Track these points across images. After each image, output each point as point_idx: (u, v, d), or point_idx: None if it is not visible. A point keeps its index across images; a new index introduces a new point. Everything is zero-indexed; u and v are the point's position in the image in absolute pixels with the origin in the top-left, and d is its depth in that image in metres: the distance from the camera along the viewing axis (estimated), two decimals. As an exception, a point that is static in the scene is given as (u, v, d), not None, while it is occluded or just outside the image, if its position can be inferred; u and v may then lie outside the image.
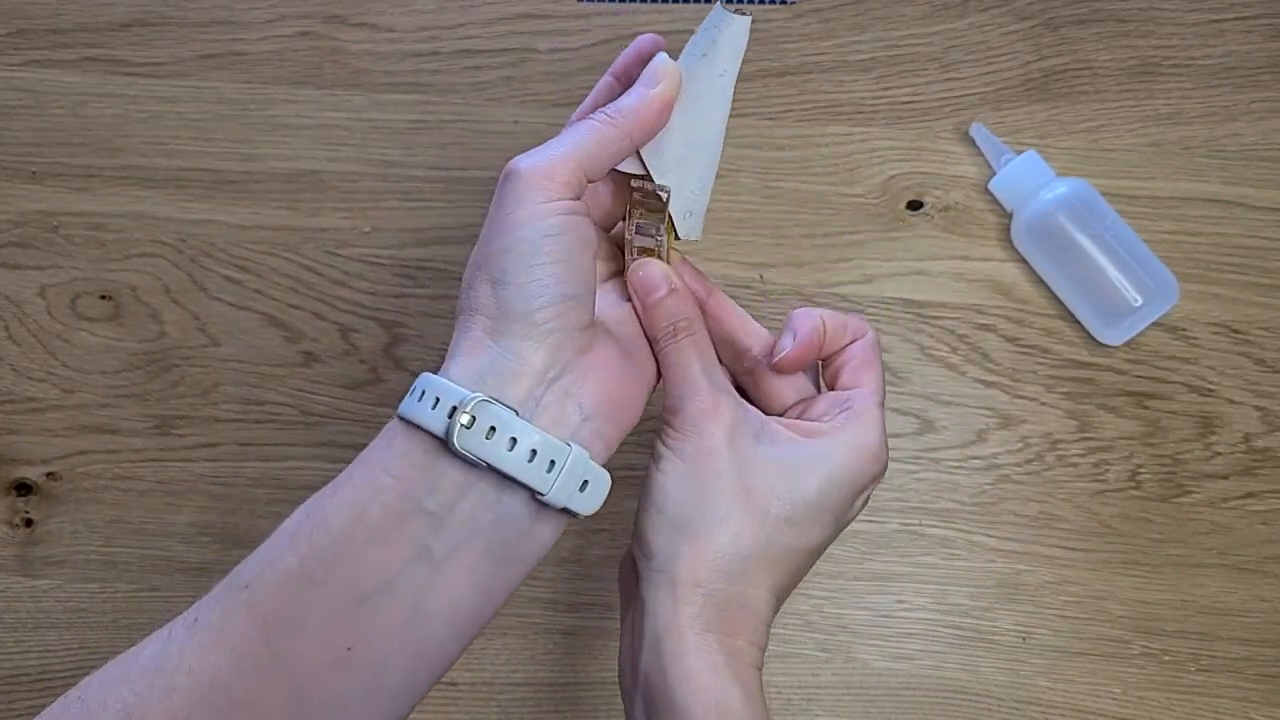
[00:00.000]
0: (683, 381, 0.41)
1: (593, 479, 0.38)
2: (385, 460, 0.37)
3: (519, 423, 0.36)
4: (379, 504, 0.36)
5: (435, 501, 0.36)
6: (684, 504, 0.39)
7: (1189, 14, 0.59)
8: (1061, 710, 0.54)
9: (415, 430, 0.36)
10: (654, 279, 0.42)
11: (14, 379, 0.58)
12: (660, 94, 0.40)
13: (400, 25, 0.60)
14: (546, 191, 0.38)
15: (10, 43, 0.60)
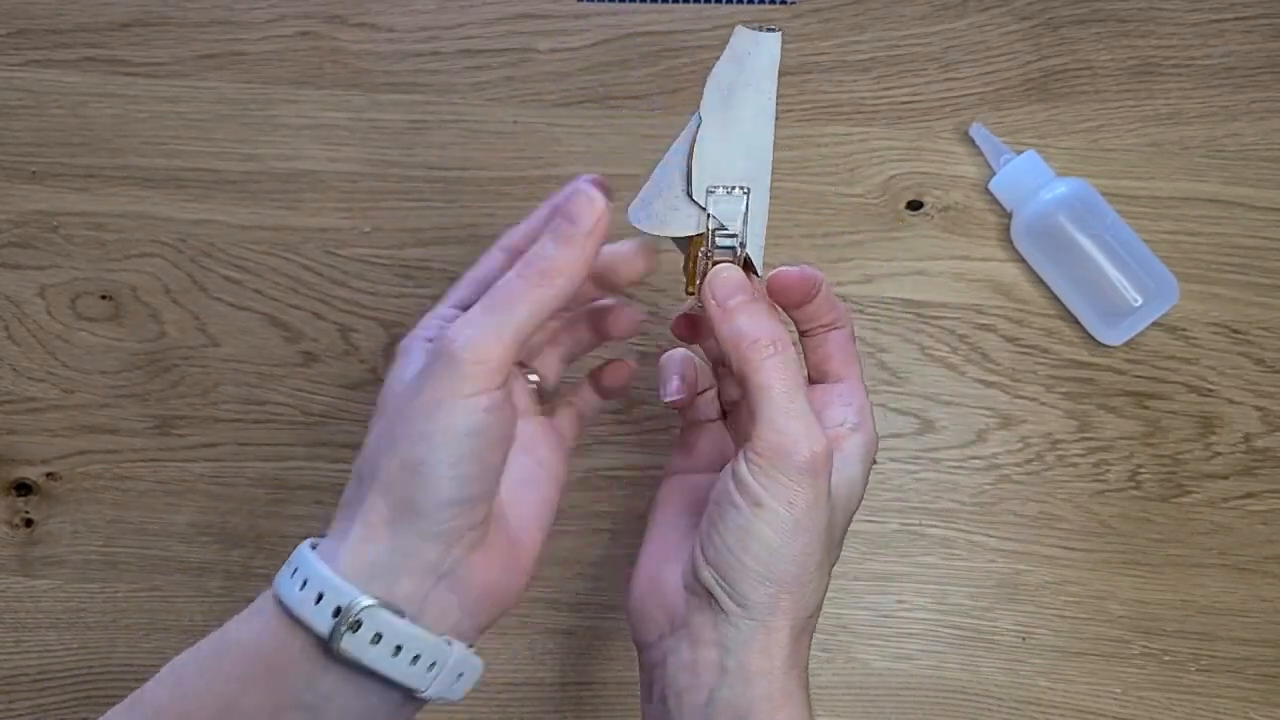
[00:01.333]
0: (790, 414, 0.36)
1: (468, 670, 0.37)
2: (259, 647, 0.36)
3: (405, 629, 0.35)
4: (252, 696, 0.35)
5: (314, 694, 0.35)
6: (786, 558, 0.36)
7: (1189, 14, 0.59)
8: (1061, 710, 0.54)
9: (294, 622, 0.35)
10: (735, 282, 0.38)
11: (14, 379, 0.58)
12: (588, 238, 0.37)
13: (400, 25, 0.60)
14: (478, 382, 0.35)
15: (10, 43, 0.60)
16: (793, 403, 0.36)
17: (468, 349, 0.35)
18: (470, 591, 0.37)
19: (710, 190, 0.39)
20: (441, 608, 0.36)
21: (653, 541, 0.42)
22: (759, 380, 0.36)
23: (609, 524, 0.56)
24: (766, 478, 0.36)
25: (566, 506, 0.56)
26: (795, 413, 0.36)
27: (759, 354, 0.36)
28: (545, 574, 0.56)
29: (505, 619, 0.55)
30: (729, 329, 0.37)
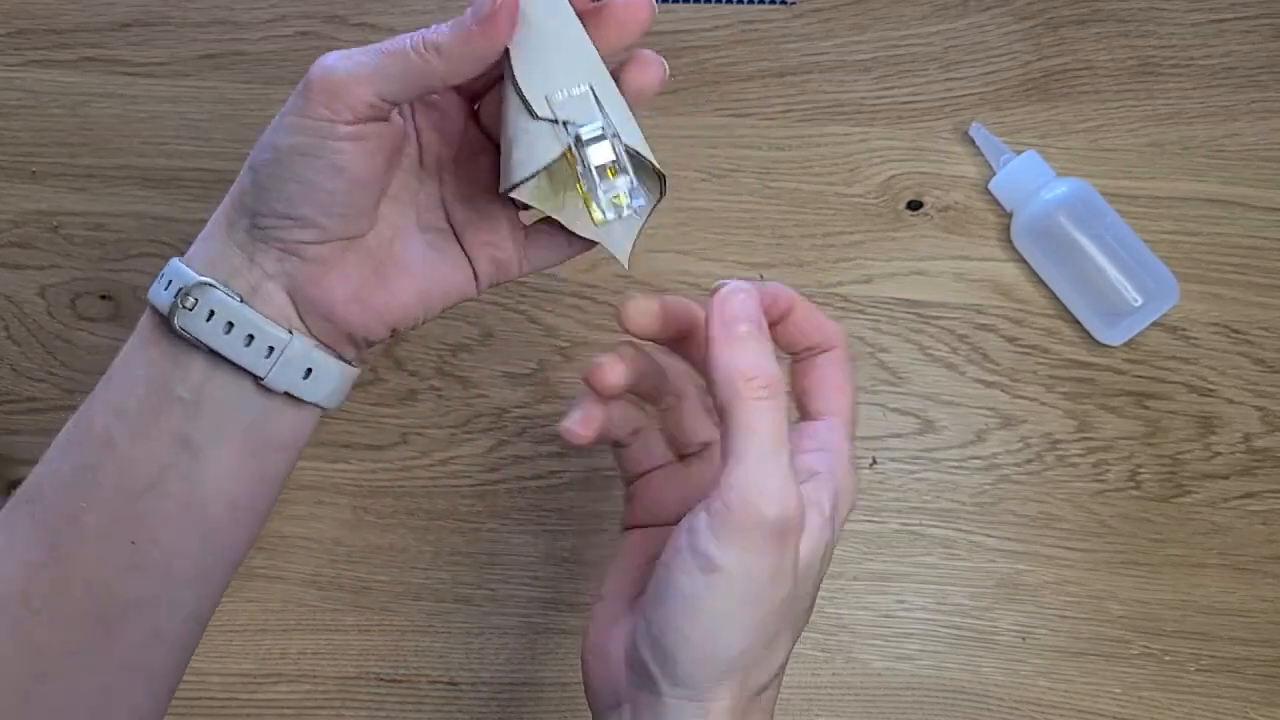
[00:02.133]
0: (769, 467, 0.31)
1: (317, 367, 0.38)
2: (137, 351, 0.38)
3: (236, 307, 0.36)
4: (135, 397, 0.37)
5: (186, 388, 0.37)
6: (738, 631, 0.32)
7: (1189, 14, 0.59)
8: (1061, 710, 0.54)
9: (157, 315, 0.38)
10: (746, 309, 0.33)
11: (14, 379, 0.57)
12: (488, 27, 0.34)
13: (400, 25, 0.60)
14: (324, 109, 0.35)
15: (10, 43, 0.60)
16: (774, 455, 0.31)
17: (319, 72, 0.35)
18: (304, 301, 0.38)
19: (550, 99, 0.35)
20: (277, 307, 0.37)
21: (602, 607, 0.38)
22: (746, 421, 0.31)
23: (609, 524, 0.56)
24: (727, 537, 0.31)
25: (566, 506, 0.56)
26: (774, 468, 0.31)
27: (753, 391, 0.32)
28: (545, 574, 0.56)
29: (505, 619, 0.55)
30: (727, 358, 0.32)
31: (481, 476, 0.56)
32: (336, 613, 0.55)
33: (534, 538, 0.56)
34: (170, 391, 0.37)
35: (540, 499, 0.56)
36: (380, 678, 0.55)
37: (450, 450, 0.56)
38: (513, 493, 0.56)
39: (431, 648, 0.55)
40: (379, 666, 0.55)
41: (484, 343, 0.57)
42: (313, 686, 0.54)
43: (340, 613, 0.55)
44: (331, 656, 0.55)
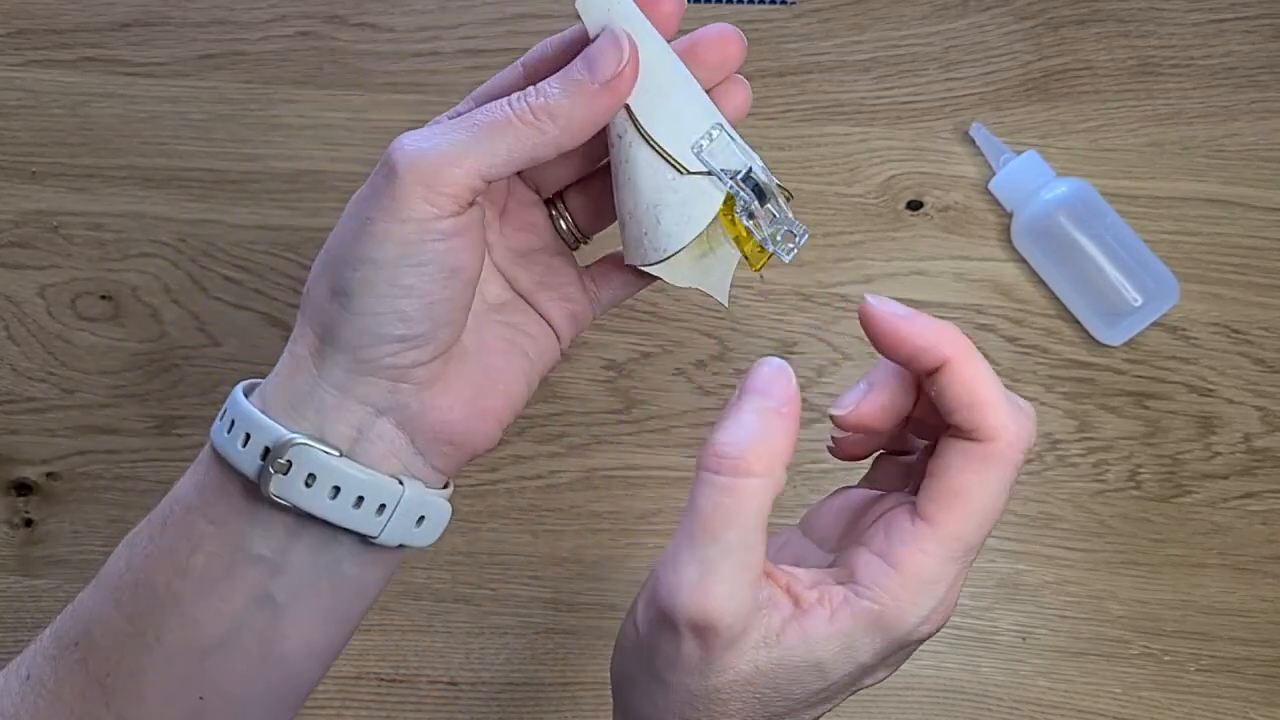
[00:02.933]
0: (698, 556, 0.27)
1: (430, 512, 0.34)
2: (202, 501, 0.33)
3: (342, 467, 0.31)
4: (203, 554, 0.32)
5: (268, 546, 0.32)
6: (641, 694, 0.30)
7: (1189, 14, 0.59)
8: (1061, 710, 0.54)
9: (228, 467, 0.32)
10: (778, 387, 0.28)
11: (14, 379, 0.57)
12: (616, 85, 0.30)
13: (400, 25, 0.60)
14: (425, 205, 0.30)
15: (10, 43, 0.60)
16: (700, 538, 0.27)
17: (411, 164, 0.30)
18: (424, 431, 0.33)
19: (696, 150, 0.32)
20: (387, 446, 0.32)
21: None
22: (694, 494, 0.28)
23: (609, 524, 0.56)
24: (643, 607, 0.29)
25: (566, 506, 0.56)
26: (702, 555, 0.27)
27: (709, 464, 0.28)
28: (545, 574, 0.56)
29: (505, 619, 0.55)
30: (723, 423, 0.28)
31: (481, 476, 0.56)
32: (336, 613, 0.55)
33: (534, 538, 0.56)
34: (247, 550, 0.32)
35: (540, 499, 0.56)
36: (380, 678, 0.55)
37: (450, 450, 0.56)
38: (513, 493, 0.56)
39: (431, 648, 0.55)
40: (379, 666, 0.55)
41: (484, 343, 0.57)
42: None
43: (340, 613, 0.55)
44: (331, 656, 0.55)
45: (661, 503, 0.56)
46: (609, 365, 0.57)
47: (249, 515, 0.32)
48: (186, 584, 0.32)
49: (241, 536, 0.32)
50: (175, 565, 0.33)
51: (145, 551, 0.34)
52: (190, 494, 0.33)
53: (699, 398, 0.56)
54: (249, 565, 0.33)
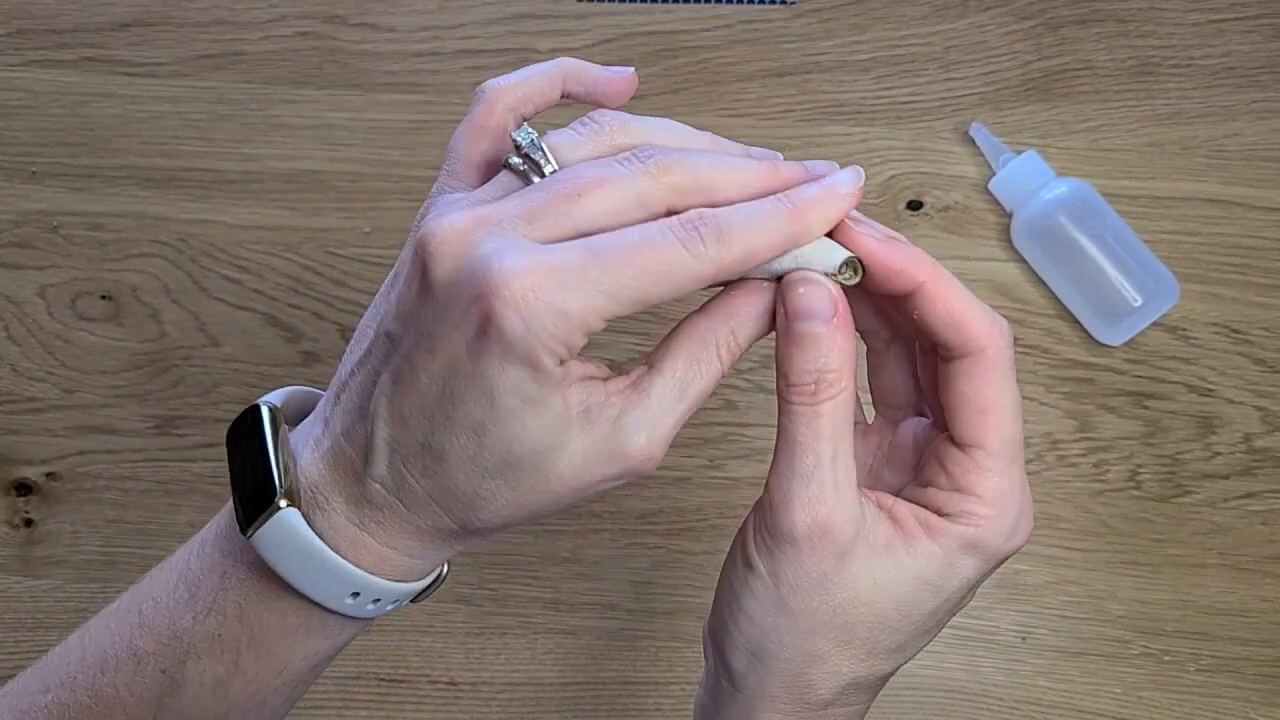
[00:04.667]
0: (801, 474, 0.29)
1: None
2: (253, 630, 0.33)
3: (389, 587, 0.31)
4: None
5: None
6: (770, 636, 0.31)
7: (1189, 14, 0.59)
8: (1061, 710, 0.54)
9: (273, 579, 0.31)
10: (819, 304, 0.29)
11: (14, 379, 0.57)
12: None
13: (400, 25, 0.60)
14: (565, 369, 0.28)
15: (10, 43, 0.60)
16: (812, 456, 0.29)
17: (552, 336, 0.26)
18: None
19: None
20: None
21: None
22: (783, 423, 0.30)
23: (609, 524, 0.56)
24: (759, 538, 0.30)
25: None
26: (806, 470, 0.29)
27: (792, 396, 0.30)
28: (545, 574, 0.56)
29: (505, 619, 0.55)
30: (788, 355, 0.30)
31: (481, 476, 0.56)
32: (336, 613, 0.55)
33: (534, 538, 0.56)
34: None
35: (540, 499, 0.56)
36: (380, 678, 0.55)
37: (450, 450, 0.56)
38: (513, 493, 0.56)
39: (431, 648, 0.55)
40: (379, 666, 0.55)
41: (484, 343, 0.57)
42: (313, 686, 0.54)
43: (340, 613, 0.55)
44: (331, 656, 0.55)
45: (661, 503, 0.56)
46: (609, 365, 0.57)
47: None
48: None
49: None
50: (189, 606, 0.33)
51: (179, 612, 0.33)
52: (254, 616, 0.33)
53: (699, 398, 0.56)
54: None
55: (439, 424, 0.28)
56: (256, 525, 0.30)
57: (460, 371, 0.27)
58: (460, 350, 0.27)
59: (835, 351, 0.29)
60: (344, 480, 0.30)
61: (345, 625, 0.33)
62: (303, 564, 0.30)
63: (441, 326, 0.27)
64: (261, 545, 0.30)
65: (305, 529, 0.30)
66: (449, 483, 0.29)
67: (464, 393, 0.27)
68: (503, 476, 0.29)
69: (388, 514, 0.30)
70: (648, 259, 0.27)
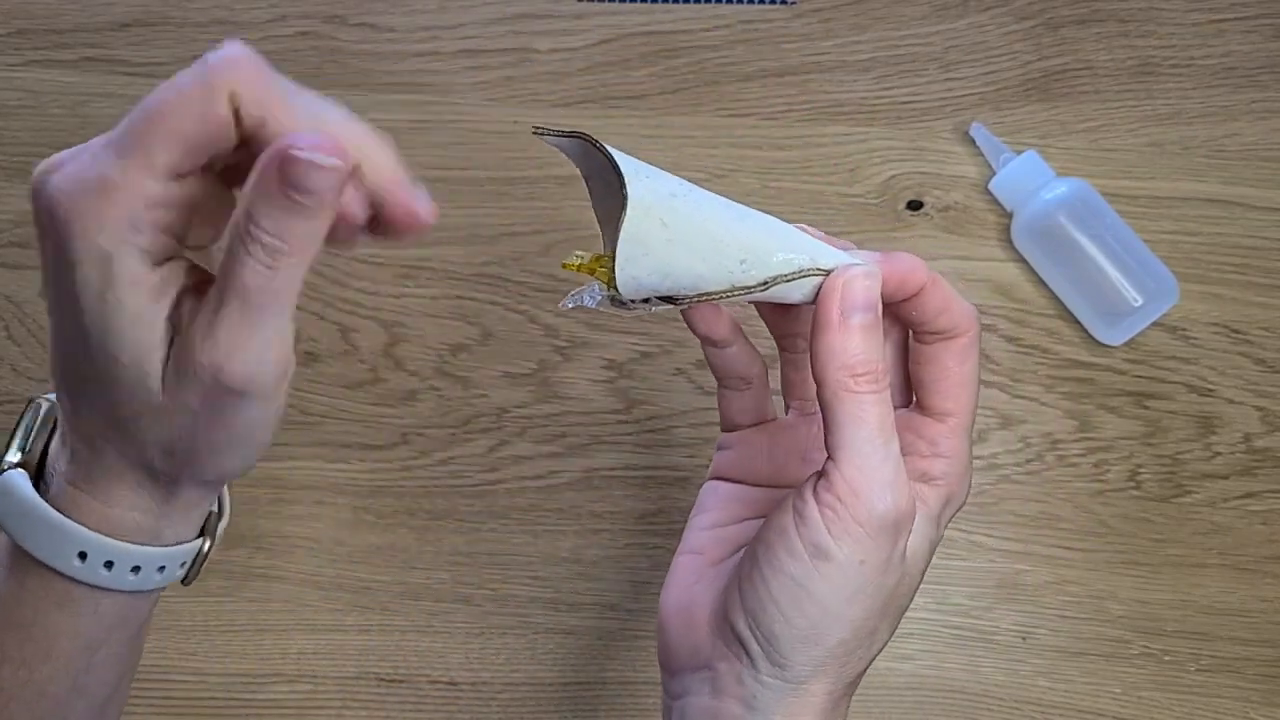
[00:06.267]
0: (881, 459, 0.31)
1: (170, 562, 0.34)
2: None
3: (145, 553, 0.33)
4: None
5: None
6: (841, 620, 0.32)
7: (1189, 14, 0.59)
8: (1061, 710, 0.54)
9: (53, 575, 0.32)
10: (864, 298, 0.32)
11: (14, 379, 0.57)
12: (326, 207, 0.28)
13: (400, 25, 0.60)
14: (274, 407, 0.31)
15: (10, 43, 0.60)
16: (885, 449, 0.31)
17: (247, 379, 0.29)
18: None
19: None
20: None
21: (686, 562, 0.37)
22: (854, 413, 0.31)
23: (609, 524, 0.56)
24: (840, 527, 0.31)
25: (566, 506, 0.56)
26: (885, 462, 0.31)
27: (863, 386, 0.31)
28: (545, 574, 0.56)
29: (505, 619, 0.55)
30: (839, 347, 0.32)
31: (481, 476, 0.56)
32: (336, 613, 0.55)
33: (534, 538, 0.56)
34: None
35: (540, 499, 0.56)
36: (380, 678, 0.55)
37: (450, 450, 0.56)
38: (513, 493, 0.56)
39: (431, 648, 0.55)
40: (379, 666, 0.55)
41: (484, 343, 0.57)
42: (313, 686, 0.54)
43: (340, 613, 0.55)
44: (331, 656, 0.55)
45: (661, 503, 0.56)
46: (609, 365, 0.57)
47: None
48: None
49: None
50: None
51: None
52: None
53: (699, 398, 0.56)
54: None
55: (60, 353, 0.30)
56: None
57: (51, 288, 0.30)
58: (43, 269, 0.31)
59: (875, 346, 0.32)
60: (65, 444, 0.32)
61: (99, 599, 0.33)
62: (27, 523, 0.32)
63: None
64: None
65: (26, 488, 0.32)
66: (90, 410, 0.31)
67: (58, 307, 0.30)
68: (115, 391, 0.29)
69: (88, 465, 0.31)
70: (157, 98, 0.29)
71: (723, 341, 0.37)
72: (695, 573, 0.36)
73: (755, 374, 0.38)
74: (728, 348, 0.37)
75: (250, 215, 0.28)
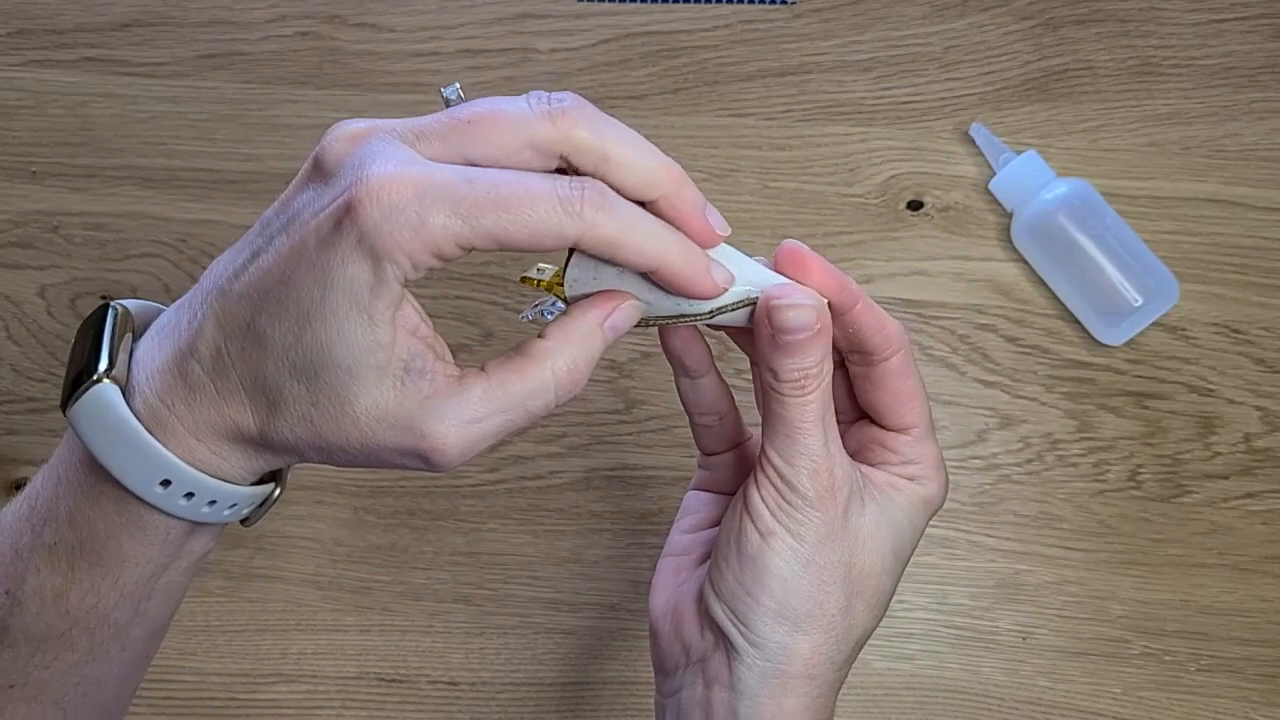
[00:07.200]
0: (804, 448, 0.34)
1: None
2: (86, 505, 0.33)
3: (225, 489, 0.32)
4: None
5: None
6: (800, 593, 0.34)
7: (1189, 14, 0.59)
8: (1061, 710, 0.54)
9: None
10: (806, 317, 0.33)
11: (14, 379, 0.57)
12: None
13: (400, 25, 0.60)
14: (403, 298, 0.30)
15: (10, 43, 0.60)
16: (810, 433, 0.34)
17: (401, 242, 0.28)
18: None
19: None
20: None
21: (669, 564, 0.39)
22: (777, 411, 0.34)
23: (609, 524, 0.56)
24: (776, 505, 0.34)
25: (566, 506, 0.56)
26: (810, 447, 0.34)
27: (785, 390, 0.34)
28: (545, 574, 0.56)
29: (505, 619, 0.55)
30: (771, 359, 0.34)
31: (481, 476, 0.56)
32: (336, 613, 0.55)
33: (534, 538, 0.56)
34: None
35: (540, 499, 0.56)
36: (380, 678, 0.55)
37: (450, 450, 0.56)
38: (513, 493, 0.56)
39: (431, 648, 0.55)
40: (379, 666, 0.55)
41: (484, 343, 0.57)
42: (313, 686, 0.54)
43: (340, 613, 0.55)
44: (331, 656, 0.55)
45: (661, 503, 0.56)
46: (609, 365, 0.57)
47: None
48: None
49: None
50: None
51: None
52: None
53: (699, 398, 0.56)
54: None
55: (269, 304, 0.29)
56: (73, 400, 0.30)
57: (306, 256, 0.28)
58: (313, 236, 0.28)
59: (820, 351, 0.33)
60: (170, 359, 0.31)
61: (170, 527, 0.33)
62: (115, 442, 0.30)
63: (306, 212, 0.29)
64: (77, 422, 0.30)
65: (120, 404, 0.30)
66: (260, 370, 0.29)
67: (303, 277, 0.28)
68: (308, 382, 0.29)
69: (200, 398, 0.30)
70: (518, 198, 0.28)
71: (695, 370, 0.38)
72: (681, 573, 0.38)
73: (725, 409, 0.39)
74: (700, 378, 0.38)
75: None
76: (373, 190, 0.27)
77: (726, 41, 0.59)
